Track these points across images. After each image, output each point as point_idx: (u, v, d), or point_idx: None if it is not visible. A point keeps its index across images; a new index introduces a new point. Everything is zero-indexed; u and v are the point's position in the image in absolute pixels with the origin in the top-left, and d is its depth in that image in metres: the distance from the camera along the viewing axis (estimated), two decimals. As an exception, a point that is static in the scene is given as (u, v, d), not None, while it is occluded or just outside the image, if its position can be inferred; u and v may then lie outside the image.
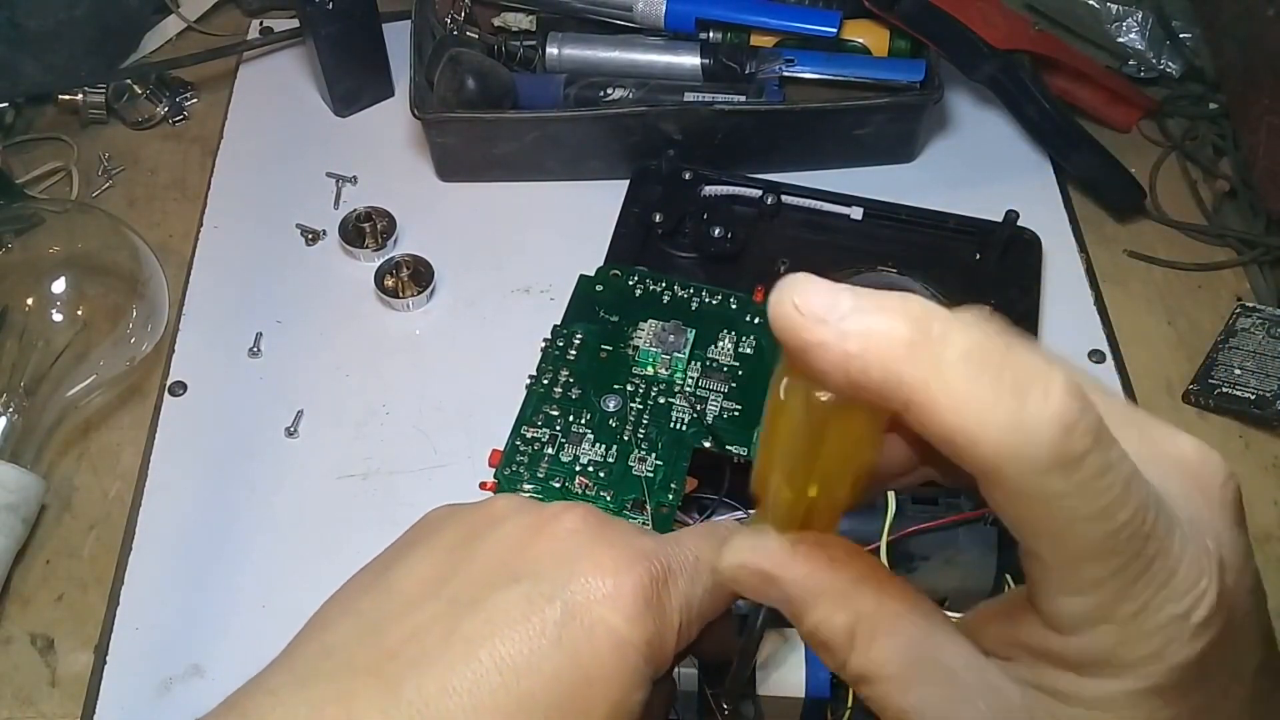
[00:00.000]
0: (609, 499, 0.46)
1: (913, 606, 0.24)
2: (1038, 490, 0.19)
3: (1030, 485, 0.19)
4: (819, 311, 0.20)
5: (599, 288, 0.53)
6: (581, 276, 0.53)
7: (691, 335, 0.49)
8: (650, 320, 0.51)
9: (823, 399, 0.22)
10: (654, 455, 0.47)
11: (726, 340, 0.50)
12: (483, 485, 0.48)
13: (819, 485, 0.24)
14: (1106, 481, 0.19)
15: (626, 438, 0.48)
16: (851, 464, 0.23)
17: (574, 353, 0.50)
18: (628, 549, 0.29)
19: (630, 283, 0.53)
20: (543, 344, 0.51)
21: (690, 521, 0.42)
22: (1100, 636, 0.21)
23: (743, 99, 0.65)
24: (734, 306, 0.51)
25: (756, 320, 0.50)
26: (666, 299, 0.52)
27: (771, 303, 0.20)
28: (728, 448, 0.47)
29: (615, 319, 0.51)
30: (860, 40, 0.68)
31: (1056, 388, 0.19)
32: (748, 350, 0.49)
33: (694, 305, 0.51)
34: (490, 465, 0.48)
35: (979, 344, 0.19)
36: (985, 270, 0.61)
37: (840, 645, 0.24)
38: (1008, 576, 0.44)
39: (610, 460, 0.48)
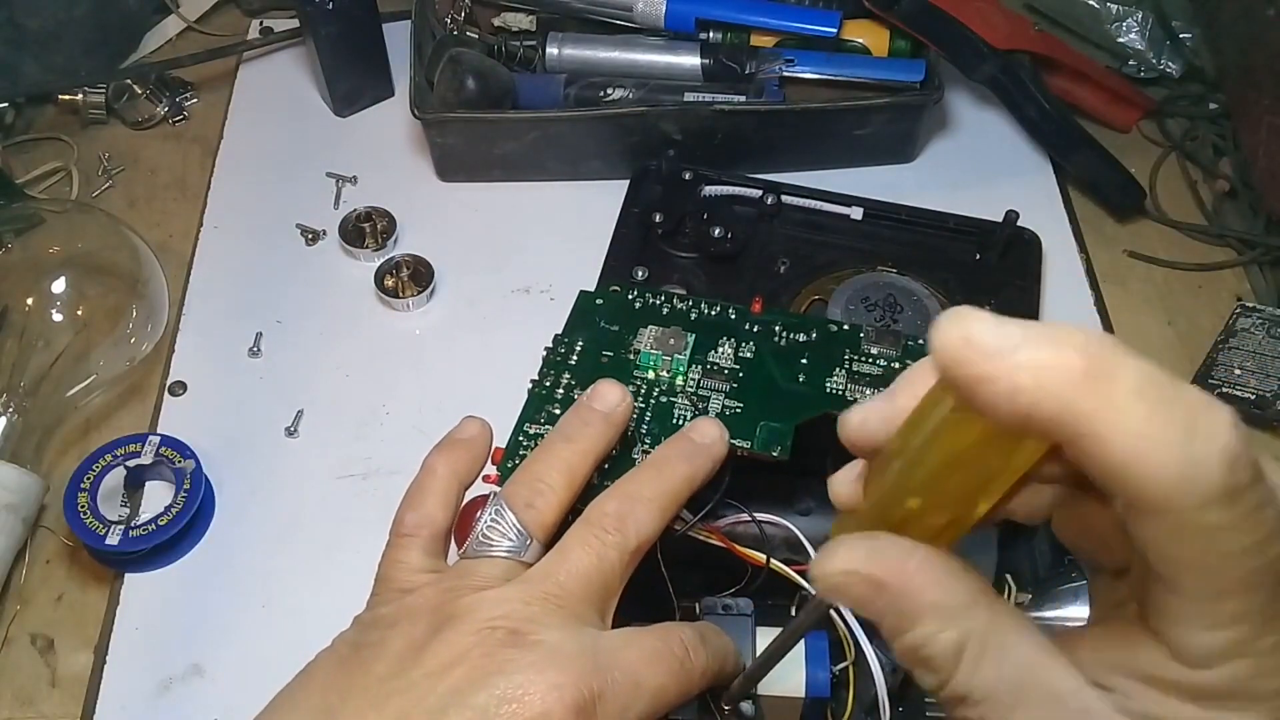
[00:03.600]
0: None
1: (1023, 628, 0.24)
2: (1200, 523, 0.19)
3: (1193, 518, 0.19)
4: (990, 346, 0.19)
5: (599, 302, 0.53)
6: (581, 292, 0.53)
7: (691, 339, 0.49)
8: (650, 326, 0.51)
9: (988, 429, 0.21)
10: None
11: (726, 345, 0.50)
12: (486, 478, 0.48)
13: (924, 500, 0.23)
14: (1264, 515, 0.20)
15: (629, 434, 0.48)
16: (965, 495, 0.23)
17: (575, 359, 0.50)
18: (558, 672, 0.31)
19: (629, 297, 0.53)
20: (544, 352, 0.51)
21: (687, 520, 0.42)
22: (1234, 670, 0.21)
23: (743, 99, 0.65)
24: (733, 317, 0.51)
25: (755, 329, 0.50)
26: (666, 310, 0.52)
27: (939, 338, 0.20)
28: (731, 442, 0.47)
29: (615, 328, 0.51)
30: (860, 40, 0.68)
31: (1222, 422, 0.19)
32: (748, 354, 0.49)
33: (693, 316, 0.51)
34: (493, 462, 0.48)
35: (1150, 378, 0.19)
36: (985, 270, 0.61)
37: (945, 664, 0.23)
38: (1008, 577, 0.44)
39: (614, 454, 0.48)
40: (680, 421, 0.48)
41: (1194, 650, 0.21)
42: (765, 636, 0.39)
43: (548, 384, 0.50)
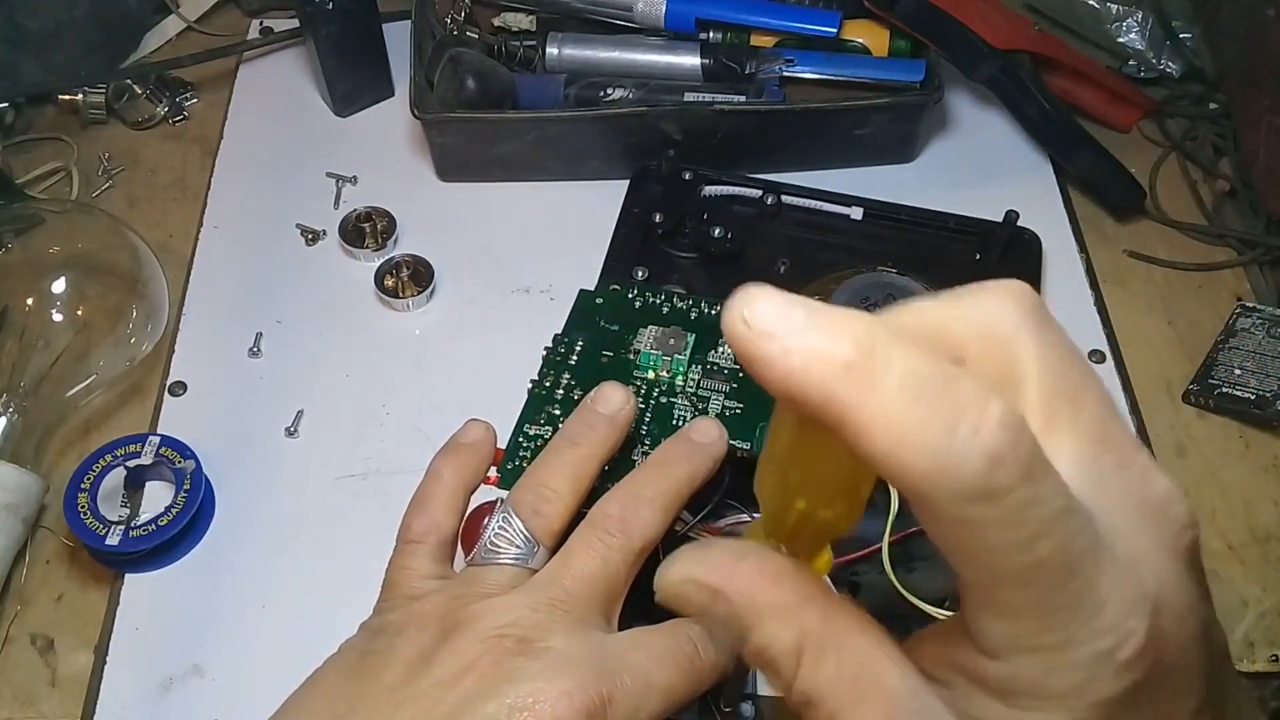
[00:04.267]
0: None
1: (861, 626, 0.24)
2: (960, 517, 0.20)
3: (953, 512, 0.19)
4: (767, 326, 0.20)
5: (599, 301, 0.53)
6: (581, 291, 0.53)
7: (692, 339, 0.49)
8: (650, 326, 0.51)
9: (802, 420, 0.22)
10: None
11: (727, 345, 0.50)
12: (486, 480, 0.48)
13: (807, 500, 0.24)
14: (1030, 515, 0.19)
15: (630, 434, 0.48)
16: (839, 486, 0.23)
17: (575, 359, 0.50)
18: (568, 678, 0.31)
19: (630, 296, 0.53)
20: (544, 352, 0.51)
21: (687, 521, 0.42)
22: (1025, 664, 0.21)
23: (743, 99, 0.65)
24: None
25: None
26: (666, 310, 0.52)
27: (724, 313, 0.20)
28: (731, 443, 0.48)
29: (615, 328, 0.51)
30: (860, 40, 0.68)
31: (990, 420, 0.19)
32: (748, 353, 0.49)
33: (693, 315, 0.51)
34: (494, 463, 0.48)
35: (919, 371, 0.19)
36: (985, 270, 0.61)
37: (787, 664, 0.23)
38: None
39: (614, 455, 0.48)
40: (680, 422, 0.48)
41: (986, 637, 0.22)
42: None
43: (547, 384, 0.50)
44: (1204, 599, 0.23)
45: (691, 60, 0.68)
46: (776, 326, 0.20)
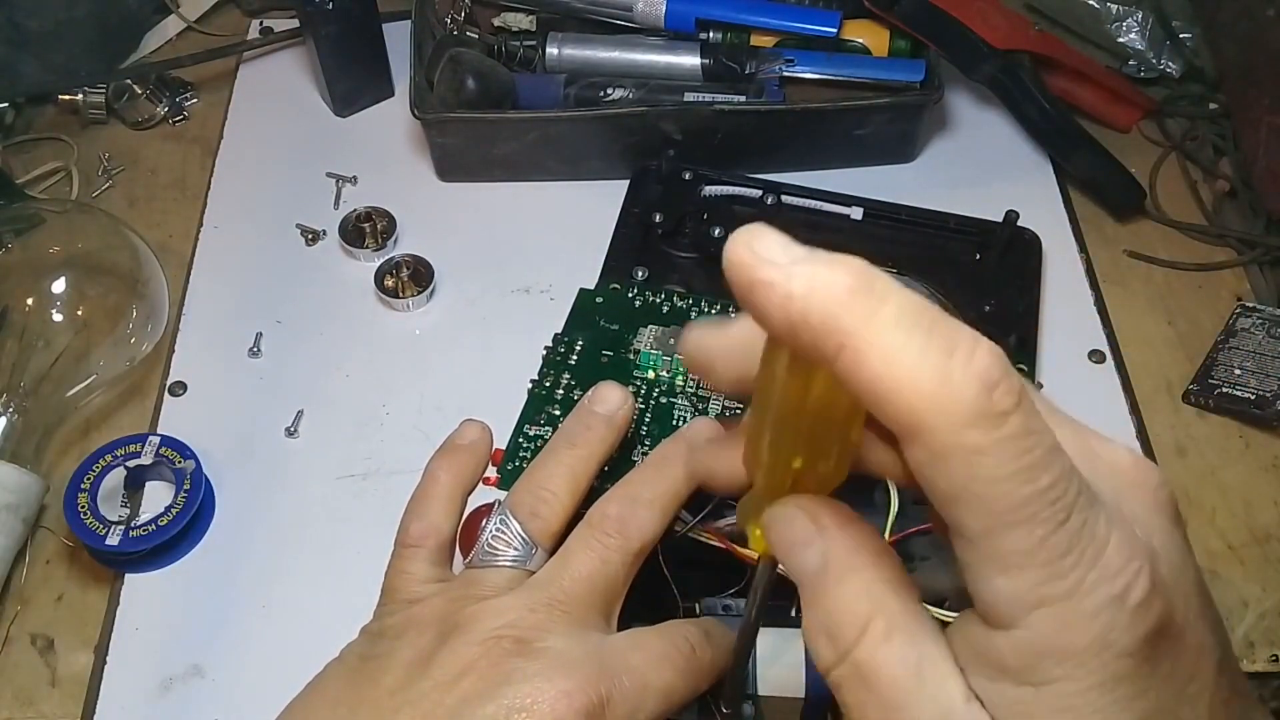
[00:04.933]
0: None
1: (932, 628, 0.24)
2: (958, 445, 0.20)
3: (951, 441, 0.20)
4: (771, 254, 0.21)
5: (599, 300, 0.53)
6: (581, 290, 0.53)
7: (692, 337, 0.49)
8: (650, 326, 0.51)
9: (800, 364, 0.22)
10: None
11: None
12: (485, 480, 0.48)
13: (804, 456, 0.24)
14: (1029, 442, 0.20)
15: (630, 435, 0.48)
16: (833, 434, 0.24)
17: (575, 359, 0.50)
18: (566, 678, 0.31)
19: (630, 295, 0.53)
20: (544, 351, 0.51)
21: (687, 521, 0.42)
22: (1039, 623, 0.21)
23: (743, 99, 0.65)
24: (734, 315, 0.51)
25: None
26: (666, 309, 0.52)
27: (728, 245, 0.21)
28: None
29: (615, 327, 0.51)
30: (860, 40, 0.68)
31: (983, 350, 0.20)
32: (748, 353, 0.49)
33: (693, 314, 0.51)
34: (493, 463, 0.48)
35: (915, 305, 0.20)
36: (985, 270, 0.61)
37: (849, 632, 0.23)
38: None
39: (614, 456, 0.48)
40: (680, 422, 0.48)
41: (995, 605, 0.21)
42: (766, 636, 0.39)
43: (547, 384, 0.50)
44: (1189, 551, 0.24)
45: (691, 60, 0.68)
46: (781, 254, 0.21)
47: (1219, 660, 0.23)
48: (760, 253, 0.21)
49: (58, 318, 0.56)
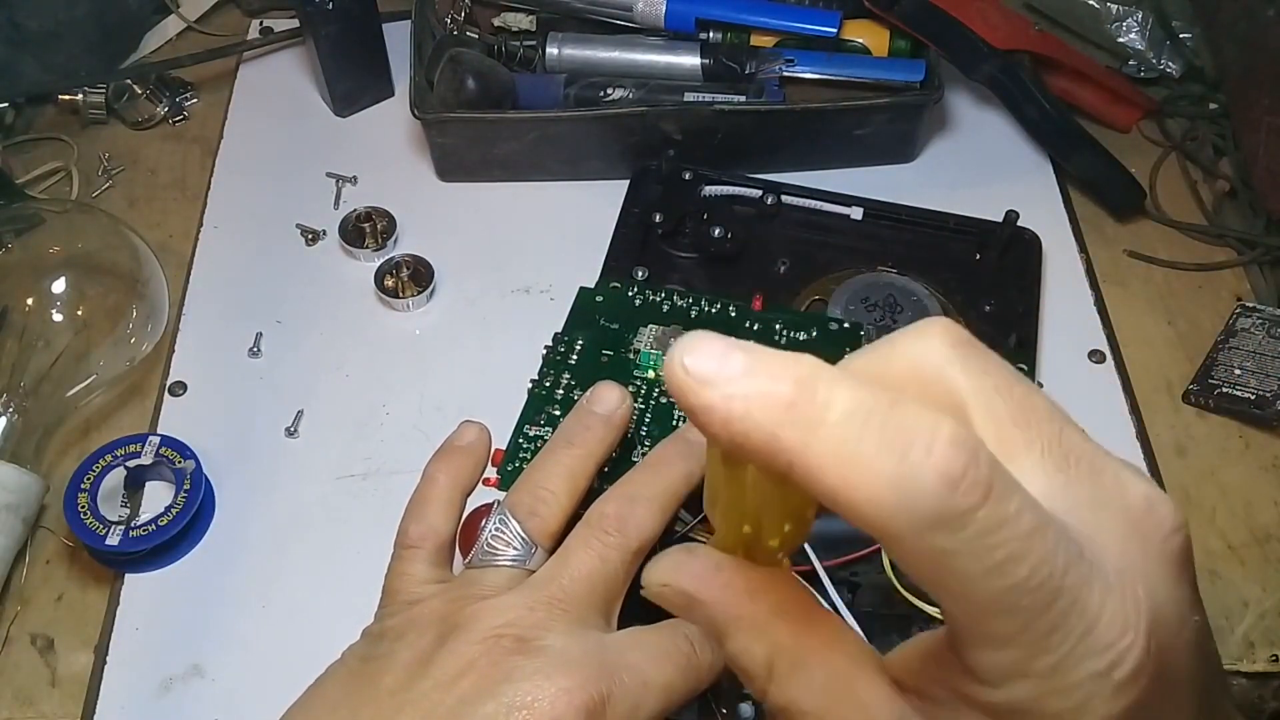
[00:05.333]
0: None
1: (834, 642, 0.24)
2: (927, 548, 0.19)
3: (918, 544, 0.19)
4: (706, 375, 0.19)
5: (599, 299, 0.53)
6: (581, 289, 0.53)
7: (692, 337, 0.49)
8: (650, 325, 0.51)
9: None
10: None
11: None
12: (486, 481, 0.48)
13: (752, 527, 0.24)
14: (1000, 538, 0.19)
15: (630, 435, 0.48)
16: (778, 515, 0.23)
17: (575, 358, 0.50)
18: (565, 676, 0.31)
19: (630, 294, 0.53)
20: (544, 350, 0.51)
21: (687, 521, 0.42)
22: (1020, 689, 0.20)
23: (743, 99, 0.65)
24: (733, 314, 0.51)
25: (756, 327, 0.50)
26: (666, 308, 0.52)
27: (665, 362, 0.20)
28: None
29: (615, 327, 0.51)
30: (860, 40, 0.68)
31: (941, 440, 0.18)
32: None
33: (693, 314, 0.51)
34: (493, 463, 0.48)
35: (863, 402, 0.19)
36: (985, 270, 0.61)
37: (759, 675, 0.24)
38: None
39: (614, 456, 0.48)
40: (680, 422, 0.48)
41: (980, 669, 0.21)
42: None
43: (547, 384, 0.50)
44: (1197, 605, 0.22)
45: (691, 60, 0.68)
46: (716, 373, 0.19)
47: (1206, 707, 0.23)
48: (695, 373, 0.19)
49: (58, 318, 0.56)
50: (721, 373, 0.19)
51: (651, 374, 0.50)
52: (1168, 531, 0.22)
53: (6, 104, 0.69)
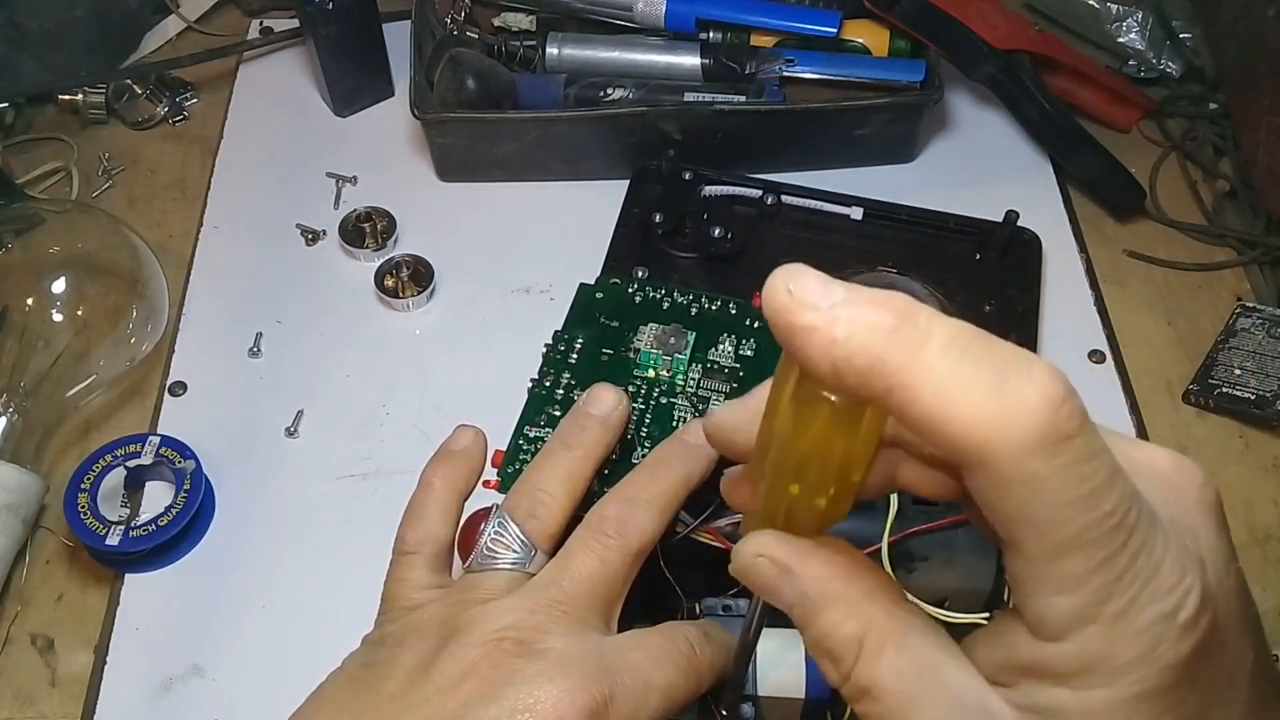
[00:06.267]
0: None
1: (924, 626, 0.24)
2: (1021, 473, 0.19)
3: (1014, 468, 0.19)
4: (811, 298, 0.20)
5: (599, 295, 0.53)
6: (581, 285, 0.53)
7: (692, 338, 0.49)
8: (651, 324, 0.51)
9: (827, 399, 0.22)
10: None
11: (727, 343, 0.50)
12: (486, 483, 0.48)
13: (801, 486, 0.24)
14: (1092, 467, 0.19)
15: (629, 436, 0.48)
16: (831, 471, 0.23)
17: (575, 357, 0.50)
18: (567, 678, 0.31)
19: (630, 290, 0.53)
20: (544, 349, 0.51)
21: (687, 523, 0.42)
22: (1088, 639, 0.21)
23: (743, 99, 0.65)
24: (734, 311, 0.51)
25: (757, 324, 0.50)
26: (666, 305, 0.52)
27: (766, 288, 0.21)
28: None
29: (615, 324, 0.51)
30: (860, 40, 0.68)
31: (1040, 369, 0.19)
32: (748, 353, 0.49)
33: (694, 311, 0.51)
34: (494, 465, 0.48)
35: (963, 334, 0.20)
36: (985, 270, 0.61)
37: (847, 654, 0.24)
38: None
39: (613, 458, 0.48)
40: (680, 423, 0.48)
41: (1046, 620, 0.21)
42: (765, 637, 0.39)
43: (547, 384, 0.50)
44: (1235, 553, 0.23)
45: (691, 60, 0.68)
46: (821, 297, 0.20)
47: (1255, 663, 0.23)
48: (799, 296, 0.20)
49: (58, 318, 0.56)
50: (825, 298, 0.20)
51: (651, 373, 0.50)
52: (1200, 484, 0.23)
53: (6, 104, 0.69)
